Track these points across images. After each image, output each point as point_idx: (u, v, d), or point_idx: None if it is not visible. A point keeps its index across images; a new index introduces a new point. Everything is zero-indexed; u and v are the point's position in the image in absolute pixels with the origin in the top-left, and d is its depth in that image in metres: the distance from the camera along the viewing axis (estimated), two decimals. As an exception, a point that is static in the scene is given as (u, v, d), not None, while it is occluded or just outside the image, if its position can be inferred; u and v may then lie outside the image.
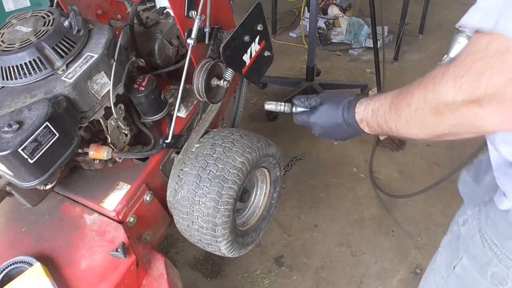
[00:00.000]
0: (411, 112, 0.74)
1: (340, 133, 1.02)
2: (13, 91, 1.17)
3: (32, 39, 1.18)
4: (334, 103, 1.00)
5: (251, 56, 1.52)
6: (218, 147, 1.36)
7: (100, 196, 1.36)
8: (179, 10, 1.33)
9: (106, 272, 1.23)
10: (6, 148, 1.03)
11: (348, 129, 0.98)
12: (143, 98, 1.37)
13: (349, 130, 0.99)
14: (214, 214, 1.31)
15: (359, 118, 0.94)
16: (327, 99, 1.02)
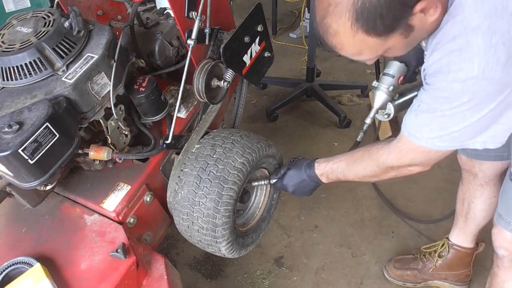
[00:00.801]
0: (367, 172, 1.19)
1: (305, 187, 1.38)
2: (13, 92, 1.17)
3: (32, 39, 1.18)
4: (297, 166, 1.38)
5: (251, 57, 1.52)
6: (219, 147, 1.36)
7: (100, 196, 1.35)
8: (179, 10, 1.33)
9: (106, 272, 1.23)
10: (7, 149, 1.04)
11: (310, 182, 1.35)
12: (143, 99, 1.37)
13: (312, 183, 1.36)
14: (214, 214, 1.31)
15: (319, 173, 1.32)
16: (292, 165, 1.40)
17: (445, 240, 1.81)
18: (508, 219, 1.25)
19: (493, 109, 0.87)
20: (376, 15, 0.81)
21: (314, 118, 2.73)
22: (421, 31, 0.89)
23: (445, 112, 0.91)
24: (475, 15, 0.79)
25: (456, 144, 0.98)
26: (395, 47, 0.91)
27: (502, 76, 0.80)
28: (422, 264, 1.85)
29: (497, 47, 0.77)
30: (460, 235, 1.75)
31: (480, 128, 0.93)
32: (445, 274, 1.83)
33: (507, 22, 0.77)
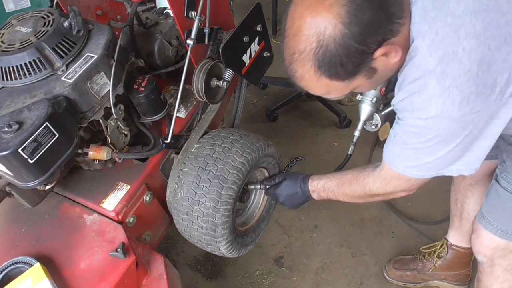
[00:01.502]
0: (355, 195, 1.26)
1: (296, 200, 1.43)
2: (13, 92, 1.17)
3: (32, 39, 1.18)
4: (293, 178, 1.42)
5: (250, 57, 1.52)
6: (218, 147, 1.37)
7: (100, 196, 1.36)
8: (179, 10, 1.33)
9: (105, 272, 1.23)
10: (6, 148, 1.04)
11: (302, 196, 1.40)
12: (142, 99, 1.38)
13: (303, 197, 1.40)
14: (214, 214, 1.31)
15: (311, 190, 1.37)
16: (288, 176, 1.45)
17: (443, 240, 1.81)
18: (489, 218, 1.26)
19: (460, 143, 0.93)
20: (336, 63, 0.86)
21: (314, 118, 2.72)
22: (386, 71, 0.93)
23: (416, 145, 0.96)
24: (430, 59, 0.84)
25: (432, 173, 1.03)
26: (361, 86, 0.96)
27: (460, 115, 0.85)
28: (422, 265, 1.86)
29: (450, 89, 0.83)
30: (457, 235, 1.76)
31: (452, 159, 0.98)
32: (444, 274, 1.83)
33: (457, 66, 0.82)
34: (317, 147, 2.52)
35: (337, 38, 0.83)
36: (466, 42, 0.81)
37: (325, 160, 2.42)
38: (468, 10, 0.82)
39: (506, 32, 0.82)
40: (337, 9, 0.81)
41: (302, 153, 2.45)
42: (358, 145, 2.40)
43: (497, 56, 0.82)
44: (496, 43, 0.82)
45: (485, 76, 0.83)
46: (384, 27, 0.85)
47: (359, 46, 0.84)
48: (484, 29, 0.81)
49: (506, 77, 0.84)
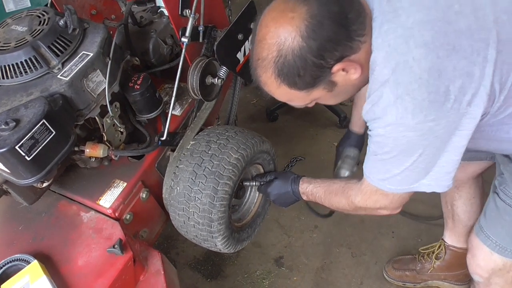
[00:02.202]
0: (340, 206, 1.26)
1: (287, 199, 1.44)
2: (9, 90, 1.18)
3: (27, 38, 1.19)
4: (285, 178, 1.43)
5: (245, 54, 1.54)
6: (213, 144, 1.38)
7: (97, 194, 1.36)
8: (173, 9, 1.34)
9: (103, 268, 1.24)
10: (3, 146, 1.05)
11: (293, 196, 1.41)
12: (138, 96, 1.39)
13: (293, 197, 1.41)
14: (210, 210, 1.33)
15: (302, 191, 1.38)
16: (279, 175, 1.47)
17: (441, 241, 1.82)
18: (488, 232, 1.25)
19: (423, 154, 0.94)
20: (294, 73, 0.90)
21: (314, 118, 2.72)
22: (347, 86, 0.97)
23: (382, 156, 0.99)
24: (385, 70, 0.88)
25: (404, 187, 1.03)
26: (322, 98, 1.01)
27: (415, 123, 0.87)
28: (421, 265, 1.86)
29: (403, 97, 0.86)
30: (452, 236, 1.77)
31: (420, 171, 0.98)
32: (444, 274, 1.84)
33: (409, 75, 0.85)
34: (317, 147, 2.52)
35: (295, 50, 0.87)
36: (415, 51, 0.84)
37: (325, 160, 2.42)
38: (417, 21, 0.86)
39: (454, 41, 0.85)
40: (298, 23, 0.86)
41: (302, 153, 2.46)
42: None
43: (447, 64, 0.84)
44: (445, 51, 0.84)
45: (437, 84, 0.85)
46: (343, 44, 0.88)
47: (316, 60, 0.88)
48: (432, 38, 0.84)
49: (459, 85, 0.85)
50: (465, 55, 0.85)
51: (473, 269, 1.35)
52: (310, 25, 0.85)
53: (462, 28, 0.85)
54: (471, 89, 0.86)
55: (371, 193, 1.11)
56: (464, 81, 0.85)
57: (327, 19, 0.86)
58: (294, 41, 0.87)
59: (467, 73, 0.85)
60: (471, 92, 0.86)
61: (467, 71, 0.85)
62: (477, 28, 0.86)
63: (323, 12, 0.86)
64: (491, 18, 0.87)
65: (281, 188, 1.43)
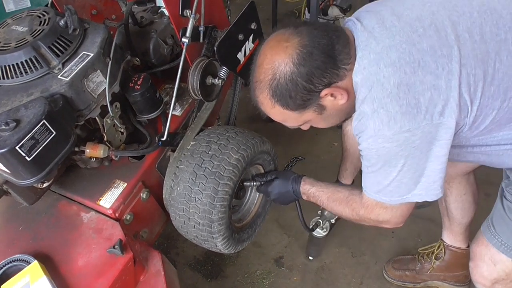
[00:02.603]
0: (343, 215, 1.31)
1: (287, 198, 1.46)
2: (10, 90, 1.18)
3: (28, 38, 1.19)
4: (285, 177, 1.45)
5: (245, 55, 1.54)
6: (214, 144, 1.38)
7: (97, 194, 1.36)
8: (174, 9, 1.34)
9: (103, 269, 1.24)
10: (4, 146, 1.05)
11: (293, 195, 1.43)
12: (138, 97, 1.39)
13: (294, 196, 1.43)
14: (210, 210, 1.33)
15: (302, 192, 1.41)
16: (279, 174, 1.48)
17: (440, 242, 1.82)
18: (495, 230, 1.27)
19: (406, 164, 1.03)
20: (286, 95, 1.02)
21: (314, 118, 2.73)
22: (335, 111, 1.09)
23: (371, 168, 1.09)
24: (363, 89, 1.00)
25: (396, 198, 1.12)
26: (313, 120, 1.13)
27: (391, 134, 0.98)
28: (420, 266, 1.87)
29: (378, 110, 0.97)
30: (450, 236, 1.78)
31: (408, 182, 1.07)
32: (443, 275, 1.84)
33: (381, 91, 0.97)
34: (317, 147, 2.52)
35: (287, 74, 1.00)
36: (385, 70, 0.97)
37: (325, 160, 2.42)
38: (385, 46, 0.98)
39: (418, 58, 0.96)
40: (291, 51, 0.99)
41: (302, 153, 2.45)
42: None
43: (414, 79, 0.95)
44: (411, 68, 0.96)
45: (407, 97, 0.95)
46: (330, 71, 1.00)
47: (306, 84, 1.00)
48: (398, 58, 0.96)
49: (428, 97, 0.95)
50: (430, 70, 0.96)
51: (476, 279, 1.37)
52: (301, 53, 0.98)
53: (425, 47, 0.97)
54: (440, 101, 0.96)
55: (372, 207, 1.19)
56: (432, 93, 0.95)
57: (316, 49, 0.98)
58: (286, 67, 0.99)
59: (434, 86, 0.95)
60: (441, 103, 0.96)
61: (434, 84, 0.95)
62: (440, 46, 0.97)
63: (313, 43, 0.99)
64: (452, 37, 0.98)
65: (281, 187, 1.45)
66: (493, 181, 1.83)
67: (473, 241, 1.38)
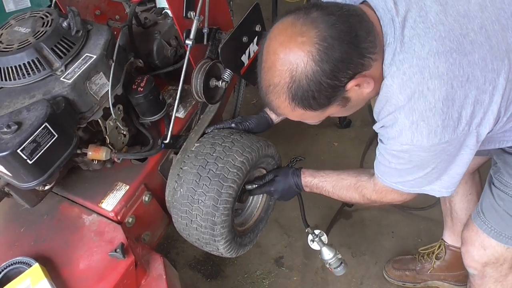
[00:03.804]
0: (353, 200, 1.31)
1: (291, 193, 1.44)
2: (12, 92, 1.17)
3: (30, 39, 1.18)
4: (284, 174, 1.43)
5: (249, 57, 1.53)
6: (218, 146, 1.37)
7: (99, 196, 1.36)
8: (178, 10, 1.33)
9: (105, 272, 1.23)
10: (5, 149, 1.04)
11: (296, 189, 1.41)
12: (141, 99, 1.38)
13: (296, 190, 1.42)
14: (213, 212, 1.31)
15: (304, 184, 1.38)
16: (278, 172, 1.45)
17: (441, 241, 1.82)
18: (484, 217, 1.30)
19: (435, 168, 1.03)
20: (309, 97, 0.93)
21: (314, 118, 2.73)
22: (359, 100, 1.01)
23: (396, 166, 1.07)
24: (400, 96, 0.93)
25: (416, 189, 1.12)
26: (336, 113, 1.05)
27: (429, 145, 0.95)
28: (420, 265, 1.86)
29: (418, 123, 0.93)
30: (452, 235, 1.78)
31: (431, 179, 1.08)
32: (444, 275, 1.84)
33: (423, 103, 0.91)
34: (317, 147, 2.52)
35: (308, 74, 0.89)
36: (430, 82, 0.89)
37: (325, 160, 2.42)
38: (432, 52, 0.89)
39: (468, 72, 0.90)
40: (309, 47, 0.87)
41: (302, 153, 2.45)
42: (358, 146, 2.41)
43: (460, 94, 0.90)
44: (459, 82, 0.89)
45: (450, 112, 0.91)
46: (355, 62, 0.90)
47: (330, 82, 0.90)
48: (447, 70, 0.89)
49: (470, 111, 0.92)
50: (478, 85, 0.91)
51: (468, 263, 1.39)
52: (321, 48, 0.86)
53: (476, 59, 0.90)
54: (480, 114, 0.94)
55: (387, 193, 1.19)
56: (475, 107, 0.92)
57: (337, 40, 0.87)
58: (307, 66, 0.88)
59: (477, 101, 0.92)
60: (480, 116, 0.94)
61: (478, 99, 0.92)
62: (491, 59, 0.91)
63: (332, 33, 0.87)
64: (503, 47, 0.92)
65: (284, 184, 1.43)
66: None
67: (464, 227, 1.41)
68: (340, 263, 1.51)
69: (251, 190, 1.50)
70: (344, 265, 1.52)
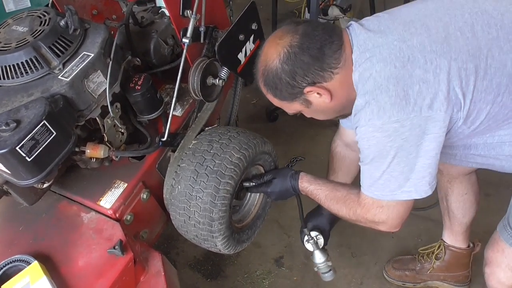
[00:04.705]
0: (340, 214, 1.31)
1: (287, 195, 1.47)
2: (10, 90, 1.18)
3: (28, 38, 1.19)
4: (282, 176, 1.45)
5: (246, 55, 1.54)
6: (215, 143, 1.38)
7: (97, 194, 1.36)
8: (174, 9, 1.34)
9: (103, 269, 1.24)
10: (4, 147, 1.04)
11: (292, 192, 1.44)
12: (139, 97, 1.38)
13: (293, 193, 1.45)
14: (211, 209, 1.32)
15: (301, 188, 1.41)
16: (276, 174, 1.48)
17: (441, 241, 1.82)
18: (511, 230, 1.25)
19: (396, 156, 1.06)
20: (273, 86, 1.13)
21: (314, 118, 2.73)
22: (321, 107, 1.16)
23: (364, 161, 1.13)
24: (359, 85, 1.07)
25: (387, 193, 1.14)
26: (304, 111, 1.21)
27: (381, 123, 1.03)
28: (420, 266, 1.86)
29: (370, 101, 1.04)
30: (450, 235, 1.78)
31: (398, 176, 1.10)
32: (443, 275, 1.84)
33: (372, 84, 1.04)
34: (317, 147, 2.52)
35: (273, 69, 1.10)
36: (377, 66, 1.04)
37: (325, 160, 2.40)
38: (378, 44, 1.06)
39: (408, 53, 1.03)
40: (280, 49, 1.08)
41: (302, 153, 2.46)
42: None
43: (403, 73, 1.01)
44: (401, 63, 1.02)
45: (396, 89, 1.01)
46: (314, 72, 1.07)
47: (289, 80, 1.09)
48: (389, 53, 1.04)
49: (416, 90, 1.00)
50: (419, 64, 1.01)
51: (493, 284, 1.36)
52: (288, 52, 1.07)
53: (415, 43, 1.04)
54: (429, 94, 1.00)
55: (369, 206, 1.20)
56: (420, 86, 1.00)
57: (303, 50, 1.06)
58: (273, 63, 1.09)
59: (422, 80, 1.01)
60: (429, 96, 1.00)
61: (422, 78, 1.01)
62: (429, 42, 1.03)
63: (302, 44, 1.06)
64: (443, 35, 1.04)
65: (281, 186, 1.45)
66: (493, 181, 1.84)
67: (487, 245, 1.36)
68: (329, 270, 1.52)
69: (249, 188, 1.51)
70: (333, 273, 1.53)
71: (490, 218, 1.38)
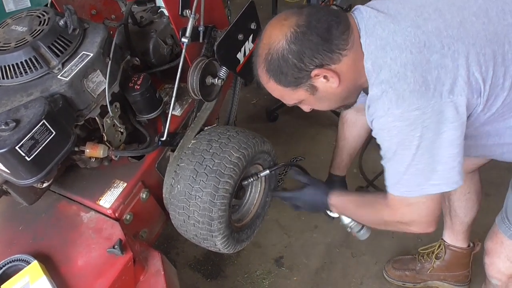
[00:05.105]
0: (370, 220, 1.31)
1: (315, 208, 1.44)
2: (9, 90, 1.18)
3: (27, 38, 1.19)
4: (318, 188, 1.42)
5: (245, 55, 1.54)
6: (215, 142, 1.38)
7: (97, 194, 1.36)
8: (173, 9, 1.34)
9: (103, 269, 1.24)
10: (4, 146, 1.05)
11: (322, 207, 1.40)
12: (138, 97, 1.39)
13: (323, 208, 1.41)
14: (211, 208, 1.33)
15: (332, 204, 1.37)
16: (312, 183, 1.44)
17: (441, 241, 1.82)
18: (509, 222, 1.26)
19: (419, 147, 1.00)
20: (278, 70, 1.05)
21: (314, 118, 2.70)
22: (328, 94, 1.09)
23: (387, 155, 1.08)
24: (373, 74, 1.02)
25: (414, 187, 1.07)
26: (308, 100, 1.13)
27: (400, 112, 0.98)
28: (420, 265, 1.86)
29: (387, 90, 0.99)
30: (451, 235, 1.78)
31: (424, 168, 1.03)
32: (443, 275, 1.84)
33: (388, 72, 0.99)
34: (317, 147, 2.51)
35: (279, 50, 1.03)
36: (391, 53, 1.00)
37: (325, 160, 2.41)
38: (391, 31, 1.02)
39: (423, 39, 0.99)
40: (286, 30, 1.02)
41: (302, 153, 2.46)
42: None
43: (420, 58, 0.98)
44: (417, 48, 0.98)
45: (414, 75, 0.97)
46: (322, 53, 1.01)
47: (297, 62, 1.02)
48: (404, 40, 0.99)
49: (435, 76, 0.97)
50: (436, 49, 0.98)
51: (493, 274, 1.38)
52: (295, 32, 1.01)
53: (430, 28, 1.00)
54: (448, 79, 0.97)
55: (397, 206, 1.13)
56: (439, 71, 0.97)
57: (311, 30, 1.00)
58: (279, 43, 1.02)
59: (440, 65, 0.97)
60: (449, 81, 0.97)
61: (440, 63, 0.97)
62: (445, 27, 1.00)
63: (309, 24, 1.01)
64: (458, 19, 1.01)
65: (314, 198, 1.41)
66: (493, 181, 1.83)
67: (487, 237, 1.37)
68: (362, 226, 1.45)
69: (248, 187, 1.50)
70: (367, 228, 1.46)
71: (490, 218, 1.38)
